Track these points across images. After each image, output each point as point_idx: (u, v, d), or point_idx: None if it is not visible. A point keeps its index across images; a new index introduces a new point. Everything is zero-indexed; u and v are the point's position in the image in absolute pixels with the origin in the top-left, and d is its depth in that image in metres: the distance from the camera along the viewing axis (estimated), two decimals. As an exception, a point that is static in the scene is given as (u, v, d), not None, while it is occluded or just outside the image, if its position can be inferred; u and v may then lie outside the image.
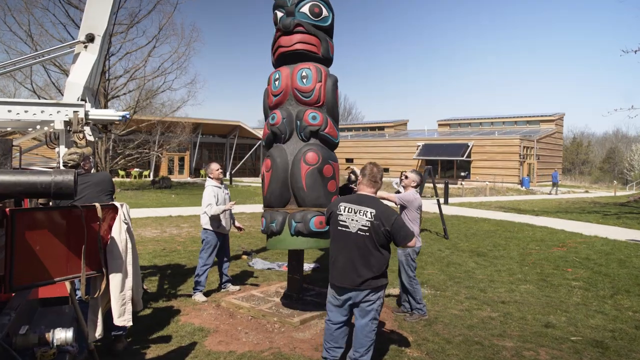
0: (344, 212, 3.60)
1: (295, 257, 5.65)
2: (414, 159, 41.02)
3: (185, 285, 6.49)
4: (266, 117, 5.33)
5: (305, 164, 4.80)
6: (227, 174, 40.54)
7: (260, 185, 7.05)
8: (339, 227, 3.61)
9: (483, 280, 7.00)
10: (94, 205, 3.09)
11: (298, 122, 4.98)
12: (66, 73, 18.54)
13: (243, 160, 43.50)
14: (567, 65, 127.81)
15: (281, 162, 4.91)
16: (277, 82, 5.13)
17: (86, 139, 4.79)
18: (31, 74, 21.52)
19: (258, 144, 42.68)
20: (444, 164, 40.33)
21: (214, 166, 6.08)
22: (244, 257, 8.30)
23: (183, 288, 6.33)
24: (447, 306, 5.76)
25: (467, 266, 7.94)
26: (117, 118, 4.60)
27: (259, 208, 15.51)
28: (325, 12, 5.18)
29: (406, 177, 5.48)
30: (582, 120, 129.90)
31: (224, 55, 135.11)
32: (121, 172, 32.84)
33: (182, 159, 39.15)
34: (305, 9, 5.05)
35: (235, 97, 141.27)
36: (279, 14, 5.18)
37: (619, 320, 5.29)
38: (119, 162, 24.77)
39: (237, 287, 6.31)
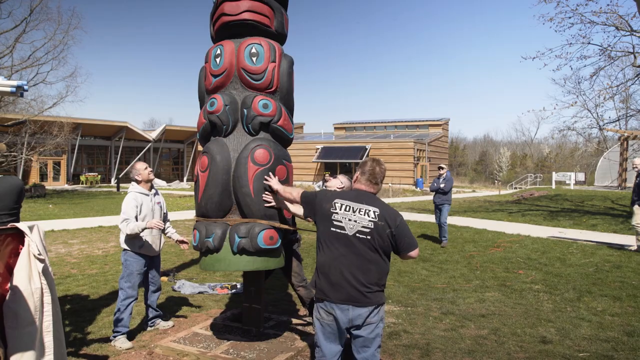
0: (340, 210, 2.81)
1: (254, 282, 4.44)
2: (313, 161, 40.89)
3: (96, 325, 4.89)
4: (202, 102, 4.25)
5: (253, 164, 3.78)
6: (112, 179, 36.70)
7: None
8: (333, 229, 2.81)
9: (446, 290, 6.39)
10: (-20, 233, 1.71)
11: (245, 110, 3.93)
12: None
13: (131, 165, 39.70)
14: (446, 75, 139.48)
15: (222, 161, 3.86)
16: (218, 60, 4.05)
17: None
18: None
19: (147, 147, 39.26)
20: (343, 167, 40.75)
21: (140, 166, 4.60)
22: (164, 279, 6.78)
23: (94, 330, 4.73)
24: (428, 325, 4.99)
25: (419, 274, 7.31)
26: (8, 89, 2.86)
27: (176, 216, 13.40)
28: None
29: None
30: (456, 126, 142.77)
31: (111, 47, 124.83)
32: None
33: (57, 164, 34.38)
34: None
35: (122, 95, 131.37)
36: None
37: (606, 328, 4.93)
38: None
39: (170, 324, 4.89)
